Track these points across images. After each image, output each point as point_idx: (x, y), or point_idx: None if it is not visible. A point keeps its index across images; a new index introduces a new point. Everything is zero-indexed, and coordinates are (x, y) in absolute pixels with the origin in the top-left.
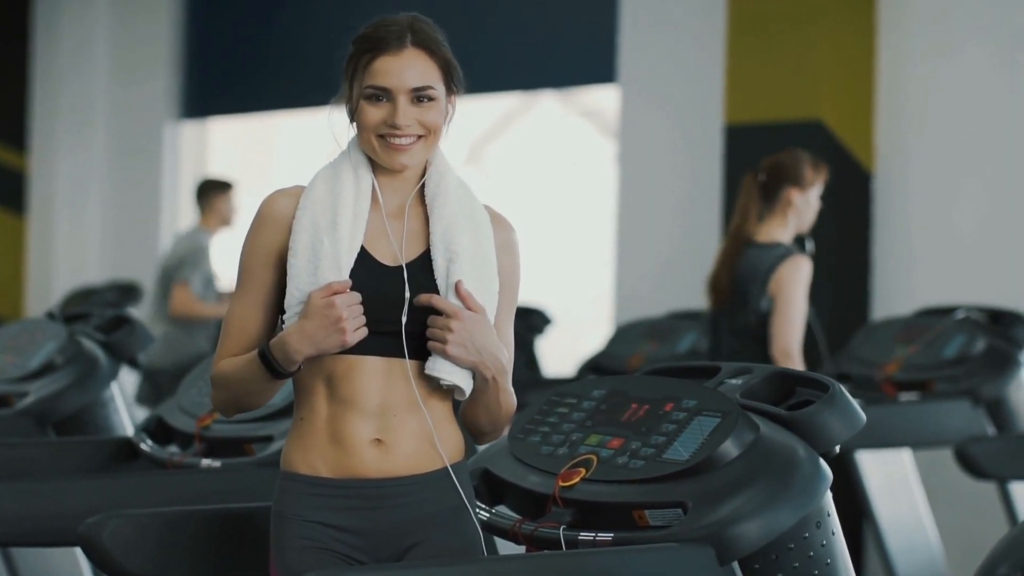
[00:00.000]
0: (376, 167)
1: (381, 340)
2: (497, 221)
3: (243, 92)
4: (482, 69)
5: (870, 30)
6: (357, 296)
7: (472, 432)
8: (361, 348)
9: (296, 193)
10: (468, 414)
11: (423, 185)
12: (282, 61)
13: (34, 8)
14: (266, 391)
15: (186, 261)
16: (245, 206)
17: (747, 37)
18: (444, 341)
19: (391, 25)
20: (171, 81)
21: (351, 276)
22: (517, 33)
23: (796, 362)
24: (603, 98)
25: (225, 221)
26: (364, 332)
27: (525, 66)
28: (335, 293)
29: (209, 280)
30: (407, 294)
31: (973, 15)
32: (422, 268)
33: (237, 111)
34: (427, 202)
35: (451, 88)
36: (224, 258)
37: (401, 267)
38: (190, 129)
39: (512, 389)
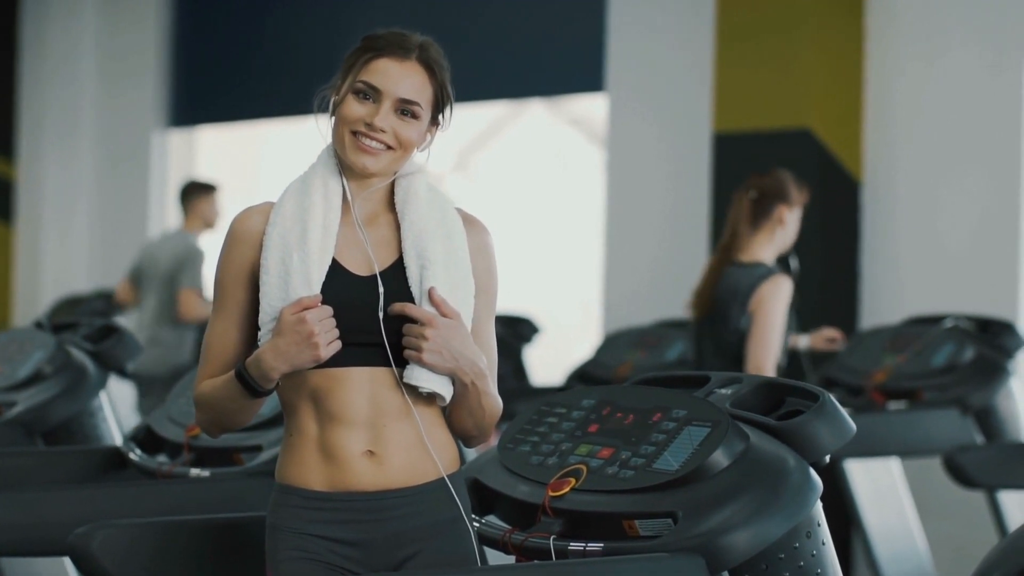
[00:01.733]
0: (346, 175)
1: (361, 351)
2: (470, 224)
3: (230, 100)
4: (470, 77)
5: (858, 39)
6: (328, 310)
7: (459, 437)
8: (342, 360)
9: (266, 210)
10: (453, 420)
11: (393, 193)
12: (269, 70)
13: (22, 17)
14: (247, 409)
15: (187, 264)
16: (229, 215)
17: (735, 46)
18: (419, 349)
19: (405, 36)
20: (158, 89)
21: (323, 289)
22: (505, 41)
23: None
24: (591, 106)
25: (208, 223)
26: (338, 346)
27: (513, 74)
28: (306, 308)
29: (202, 289)
30: (382, 301)
31: (961, 24)
32: (395, 276)
33: (225, 119)
34: (397, 209)
35: (436, 119)
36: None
37: (372, 277)
38: (177, 137)
39: (495, 392)
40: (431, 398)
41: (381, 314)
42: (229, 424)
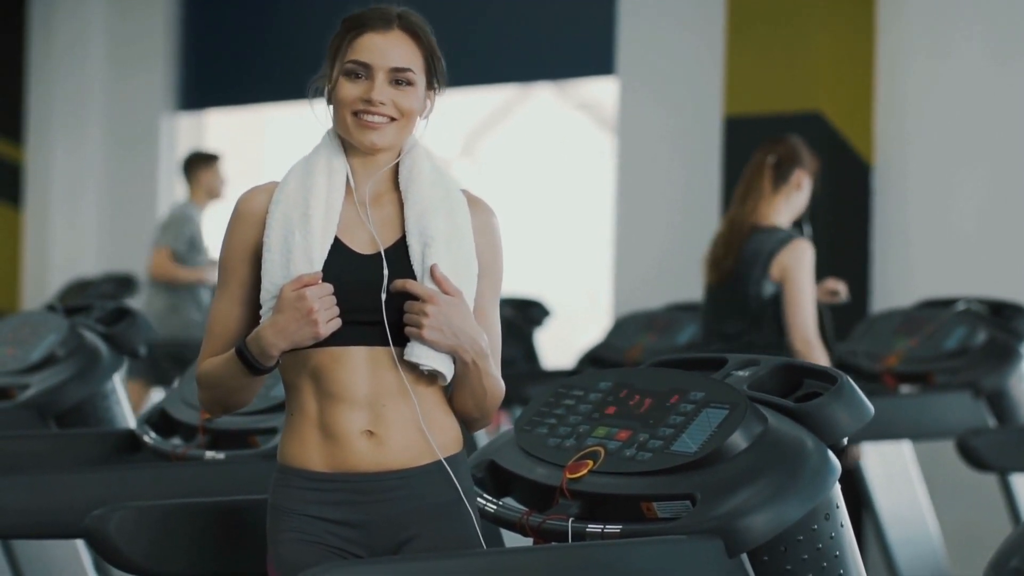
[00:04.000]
0: (350, 156)
1: (362, 329)
2: (474, 204)
3: (239, 84)
4: (478, 60)
5: (869, 22)
6: (328, 287)
7: (462, 420)
8: (343, 339)
9: (270, 189)
10: (455, 401)
11: (397, 172)
12: (278, 53)
13: (30, 1)
14: (248, 388)
15: (167, 227)
16: (239, 189)
17: (746, 29)
18: (419, 326)
19: (382, 8)
20: (167, 73)
21: (325, 267)
22: (514, 24)
23: (817, 348)
24: (601, 90)
25: (213, 193)
26: (337, 323)
27: (522, 57)
28: (306, 285)
29: (194, 245)
30: (385, 280)
31: (972, 6)
32: (398, 254)
33: (233, 103)
34: (401, 188)
35: (432, 83)
36: (215, 230)
37: (376, 255)
38: (186, 121)
39: (498, 374)
40: (433, 378)
41: (384, 293)
42: (230, 403)
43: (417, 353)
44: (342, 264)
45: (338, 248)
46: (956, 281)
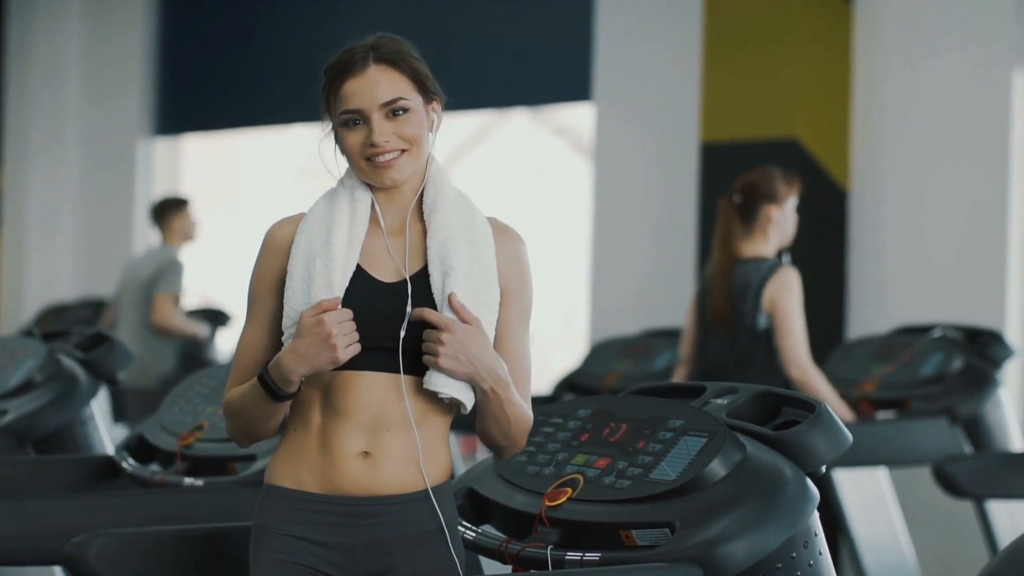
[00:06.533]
0: (373, 187)
1: (380, 356)
2: (501, 232)
3: (215, 109)
4: (454, 86)
5: (845, 49)
6: (348, 313)
7: (489, 447)
8: (361, 364)
9: (297, 219)
10: (480, 429)
11: (422, 201)
12: (254, 79)
13: (7, 25)
14: (271, 415)
15: (164, 273)
16: (215, 222)
17: (723, 55)
18: (436, 354)
19: (354, 48)
20: (144, 98)
21: (346, 294)
22: (490, 49)
23: (813, 375)
24: (577, 116)
25: (187, 237)
26: (356, 349)
27: (498, 83)
28: (325, 311)
29: (178, 297)
30: (408, 308)
31: (948, 34)
32: (420, 283)
33: (209, 128)
34: (425, 217)
35: (428, 96)
36: (190, 274)
37: (397, 284)
38: (163, 146)
39: (521, 401)
40: (441, 410)
41: (405, 321)
42: (255, 432)
43: (435, 381)
44: (363, 291)
45: (360, 276)
46: (932, 308)
